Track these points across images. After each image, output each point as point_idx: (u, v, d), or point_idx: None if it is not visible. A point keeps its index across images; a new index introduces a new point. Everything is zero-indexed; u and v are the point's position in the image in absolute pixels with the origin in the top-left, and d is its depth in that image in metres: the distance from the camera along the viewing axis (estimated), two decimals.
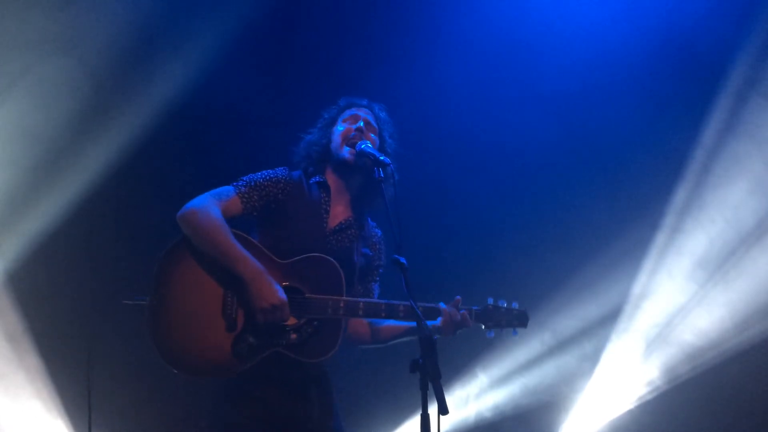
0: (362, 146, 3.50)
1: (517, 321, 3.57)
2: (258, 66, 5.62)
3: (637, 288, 5.57)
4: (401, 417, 5.45)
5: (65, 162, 5.11)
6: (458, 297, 3.49)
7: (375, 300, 3.48)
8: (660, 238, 5.52)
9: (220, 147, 5.58)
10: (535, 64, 5.75)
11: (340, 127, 3.62)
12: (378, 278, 3.72)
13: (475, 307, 3.52)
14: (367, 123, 3.63)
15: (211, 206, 3.34)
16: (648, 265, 5.54)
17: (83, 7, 5.10)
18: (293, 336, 3.29)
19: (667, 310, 5.51)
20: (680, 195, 5.51)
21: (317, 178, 3.59)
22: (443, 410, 2.68)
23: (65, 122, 5.08)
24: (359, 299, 3.38)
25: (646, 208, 5.58)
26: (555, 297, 5.69)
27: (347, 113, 3.68)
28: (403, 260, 3.09)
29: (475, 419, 5.73)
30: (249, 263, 3.24)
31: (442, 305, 3.44)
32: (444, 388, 2.72)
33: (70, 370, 5.11)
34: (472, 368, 5.75)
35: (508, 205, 5.73)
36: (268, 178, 3.48)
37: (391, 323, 3.58)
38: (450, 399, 2.80)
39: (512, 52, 5.76)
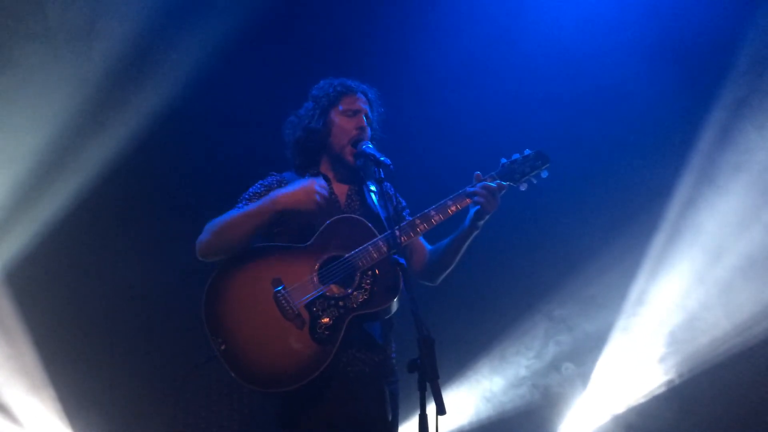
0: (363, 147, 3.49)
1: (540, 162, 3.50)
2: (258, 66, 5.63)
3: (637, 286, 5.57)
4: (399, 417, 5.44)
5: (65, 161, 5.13)
6: (477, 172, 3.46)
7: (408, 220, 3.43)
8: (660, 237, 5.52)
9: (222, 146, 5.60)
10: (531, 64, 5.76)
11: (341, 122, 3.56)
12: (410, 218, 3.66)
13: (493, 172, 3.49)
14: (366, 116, 3.60)
15: (214, 221, 3.38)
16: (648, 263, 5.54)
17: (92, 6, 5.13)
18: (357, 295, 3.31)
19: (667, 309, 5.51)
20: (682, 192, 5.50)
21: (312, 173, 3.58)
22: (441, 410, 2.68)
23: (64, 123, 5.09)
24: (393, 256, 3.29)
25: (648, 206, 5.58)
26: (554, 296, 5.72)
27: (346, 101, 3.59)
28: (402, 261, 3.10)
29: (474, 419, 5.75)
30: (263, 204, 3.29)
31: (468, 189, 3.41)
32: (442, 389, 2.73)
33: (69, 369, 5.13)
34: (471, 368, 5.77)
35: (506, 202, 5.70)
36: (263, 187, 3.50)
37: (443, 243, 3.57)
38: (448, 399, 2.82)
39: (509, 51, 5.76)
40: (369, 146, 3.48)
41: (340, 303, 3.30)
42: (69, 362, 5.14)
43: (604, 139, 5.66)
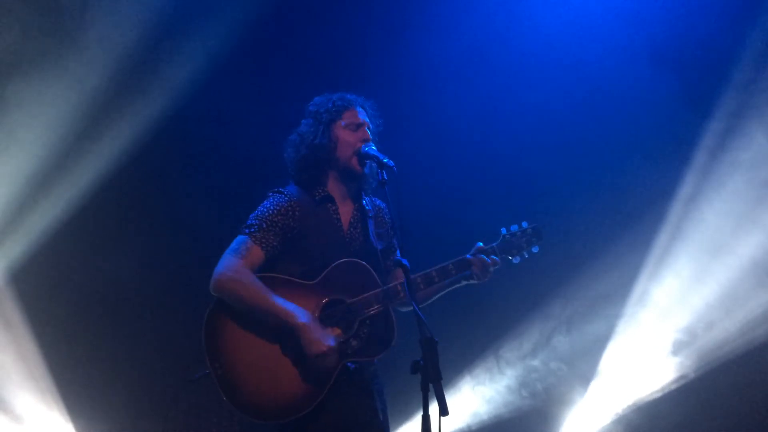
0: (366, 148, 3.52)
1: (535, 238, 3.71)
2: (257, 68, 5.65)
3: (639, 287, 5.55)
4: (402, 418, 5.46)
5: (69, 164, 5.13)
6: (479, 244, 3.60)
7: (410, 277, 3.41)
8: (663, 237, 5.49)
9: (223, 148, 5.61)
10: (534, 64, 5.75)
11: (345, 136, 3.57)
12: (397, 243, 3.73)
13: (494, 243, 3.65)
14: (367, 129, 3.62)
15: (238, 269, 3.35)
16: (651, 264, 5.51)
17: (97, 11, 5.16)
18: (354, 343, 3.39)
19: (670, 309, 5.48)
20: (685, 192, 5.47)
21: (320, 194, 3.58)
22: (444, 411, 2.72)
23: (69, 123, 5.10)
24: (396, 283, 3.46)
25: (651, 206, 5.54)
26: (557, 296, 5.71)
27: (347, 115, 3.60)
28: (405, 262, 3.14)
29: (475, 419, 5.75)
30: (294, 315, 3.29)
31: (468, 256, 3.56)
32: (444, 390, 2.75)
33: (73, 370, 5.13)
34: (472, 369, 5.78)
35: (511, 203, 5.70)
36: (275, 210, 3.47)
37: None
38: (450, 400, 2.84)
39: (511, 52, 5.75)
40: (372, 148, 3.51)
41: (337, 349, 3.35)
42: (73, 363, 5.14)
43: (606, 139, 5.64)
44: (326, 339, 3.28)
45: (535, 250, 3.70)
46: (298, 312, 3.30)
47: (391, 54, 5.75)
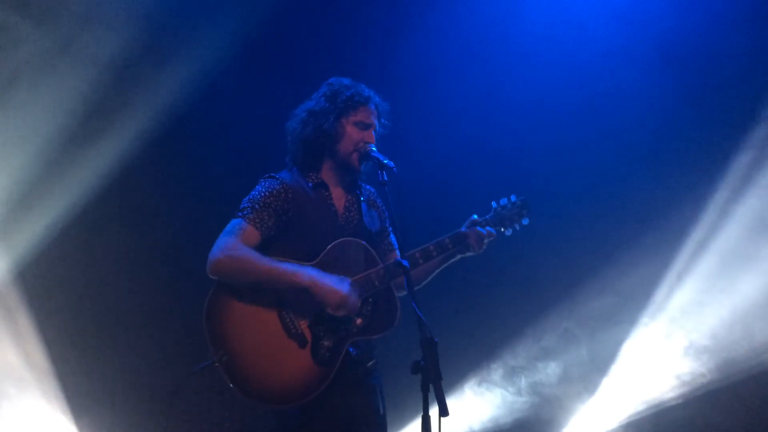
0: (369, 149, 3.55)
1: (525, 210, 3.81)
2: (257, 67, 5.66)
3: (655, 297, 5.52)
4: (402, 419, 5.46)
5: (73, 160, 5.16)
6: (474, 216, 3.69)
7: (408, 253, 3.51)
8: (687, 240, 5.45)
9: (224, 149, 5.63)
10: (537, 64, 5.75)
11: (352, 132, 3.58)
12: (390, 228, 3.80)
13: (487, 216, 3.75)
14: (374, 131, 3.65)
15: (234, 245, 3.35)
16: (663, 271, 5.49)
17: (98, 19, 5.20)
18: (359, 321, 3.43)
19: (684, 317, 5.46)
20: (696, 196, 5.43)
21: (314, 180, 3.61)
22: (444, 412, 2.73)
23: (73, 121, 5.13)
24: (396, 259, 3.43)
25: (660, 210, 5.52)
26: (576, 294, 5.67)
27: (360, 112, 3.61)
28: (405, 263, 3.15)
29: (476, 421, 5.76)
30: (301, 273, 3.32)
31: (463, 229, 3.64)
32: (444, 390, 2.76)
33: (76, 368, 5.15)
34: (473, 370, 5.78)
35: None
36: (269, 193, 3.49)
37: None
38: (451, 401, 2.84)
39: (511, 52, 5.76)
40: (374, 149, 3.54)
41: (342, 327, 3.41)
42: (76, 362, 5.15)
43: (612, 142, 5.61)
44: (340, 285, 3.32)
45: (525, 222, 3.80)
46: (302, 269, 3.33)
47: (390, 54, 5.76)
